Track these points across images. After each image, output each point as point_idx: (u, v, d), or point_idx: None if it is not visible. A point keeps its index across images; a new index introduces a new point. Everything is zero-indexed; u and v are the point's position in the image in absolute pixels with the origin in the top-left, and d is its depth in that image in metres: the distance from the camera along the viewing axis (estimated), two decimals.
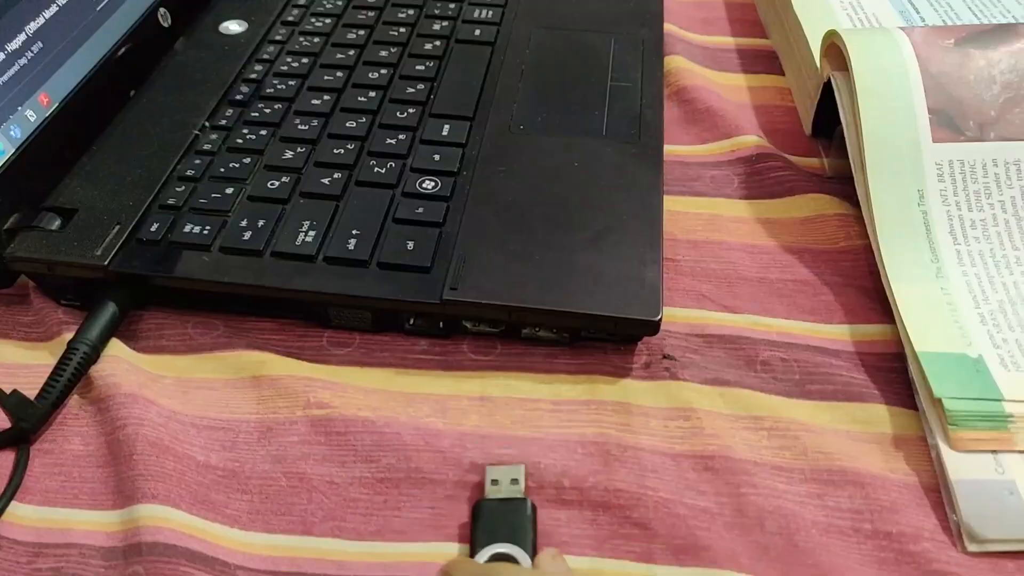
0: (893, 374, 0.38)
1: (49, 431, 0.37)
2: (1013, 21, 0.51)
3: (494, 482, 0.35)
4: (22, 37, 0.42)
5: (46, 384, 0.37)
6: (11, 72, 0.42)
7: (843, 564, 0.32)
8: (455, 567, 0.32)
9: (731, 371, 0.39)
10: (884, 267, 0.40)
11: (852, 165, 0.43)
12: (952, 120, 0.41)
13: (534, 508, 0.34)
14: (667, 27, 0.57)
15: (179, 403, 0.38)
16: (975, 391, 0.35)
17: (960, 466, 0.33)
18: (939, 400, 0.35)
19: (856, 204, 0.43)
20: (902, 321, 0.38)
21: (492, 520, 0.33)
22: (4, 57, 0.41)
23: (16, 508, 0.35)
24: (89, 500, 0.35)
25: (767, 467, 0.35)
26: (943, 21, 0.52)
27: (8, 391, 0.38)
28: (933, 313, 0.38)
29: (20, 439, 0.37)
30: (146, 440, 0.36)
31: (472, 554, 0.32)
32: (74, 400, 0.38)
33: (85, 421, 0.38)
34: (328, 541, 0.33)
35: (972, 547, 0.32)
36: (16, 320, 0.42)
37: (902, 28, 0.44)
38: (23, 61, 0.42)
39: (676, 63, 0.55)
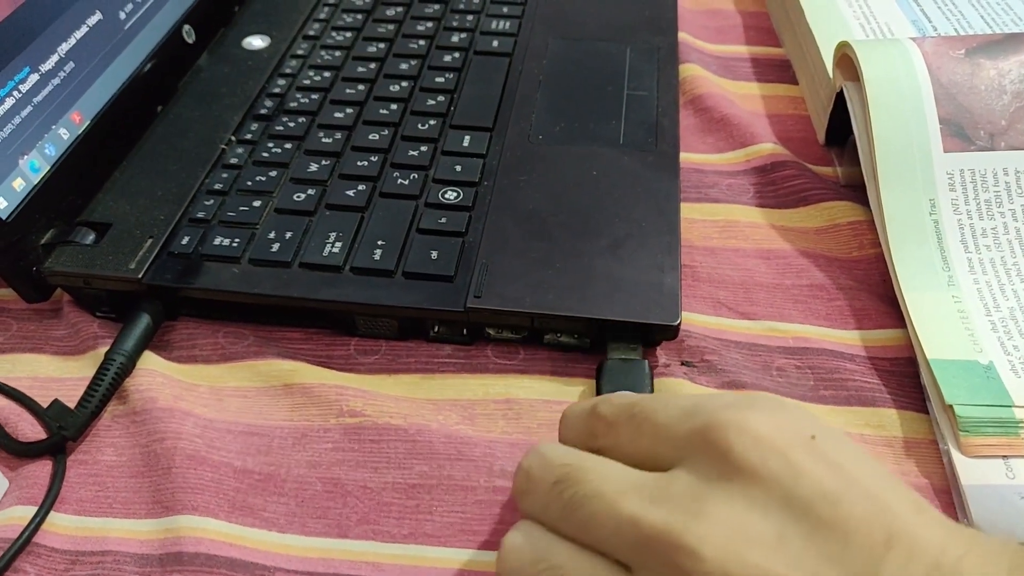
0: (906, 378, 0.39)
1: (82, 442, 0.38)
2: None
3: (614, 344, 0.39)
4: (55, 58, 0.44)
5: (86, 393, 0.38)
6: (45, 92, 0.43)
7: None
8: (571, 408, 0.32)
9: (747, 374, 0.40)
10: (896, 276, 0.40)
11: (864, 175, 0.43)
12: (963, 130, 0.42)
13: (651, 367, 0.38)
14: (681, 36, 0.58)
15: (214, 411, 0.39)
16: (986, 398, 0.35)
17: (971, 471, 0.34)
18: (950, 407, 0.35)
19: (870, 211, 0.44)
20: (914, 329, 0.39)
21: (615, 377, 0.37)
22: (39, 78, 0.43)
23: (53, 517, 0.36)
24: (123, 509, 0.36)
25: None
26: (955, 30, 0.52)
27: (45, 403, 0.39)
28: (945, 321, 0.38)
29: (58, 449, 0.38)
30: (183, 453, 0.37)
31: None
32: (106, 411, 0.39)
33: (118, 432, 0.39)
34: (363, 544, 0.34)
35: None
36: (48, 334, 0.43)
37: (913, 38, 0.44)
38: (56, 81, 0.44)
39: (691, 71, 0.56)
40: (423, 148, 0.47)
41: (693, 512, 0.25)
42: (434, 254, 0.41)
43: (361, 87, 0.52)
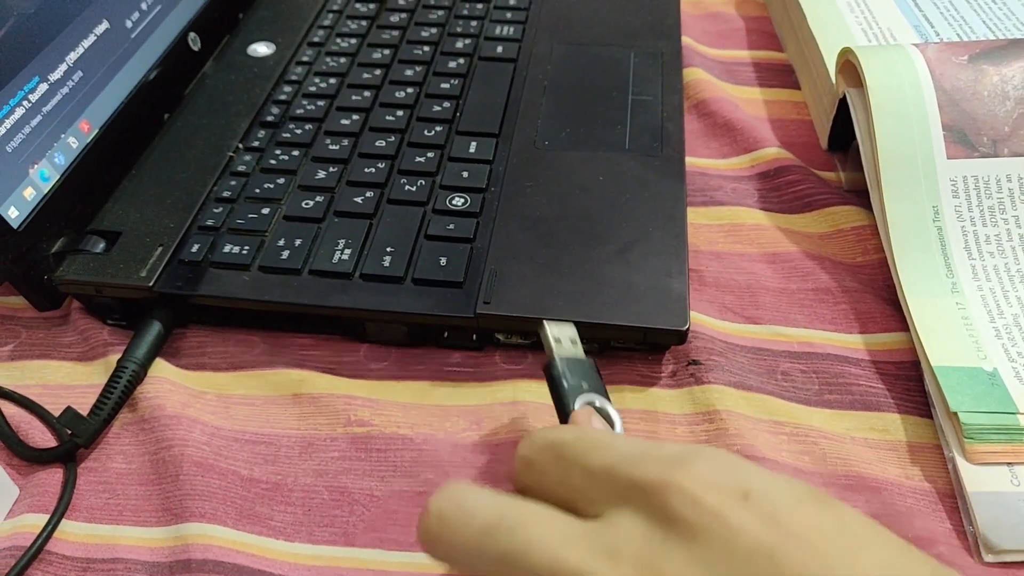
0: (910, 383, 0.40)
1: (92, 450, 0.39)
2: None
3: (557, 341, 0.36)
4: (63, 67, 0.44)
5: (98, 400, 0.39)
6: (54, 101, 0.43)
7: None
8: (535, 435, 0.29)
9: (753, 377, 0.40)
10: (900, 282, 0.41)
11: (868, 181, 0.44)
12: (966, 136, 0.42)
13: (595, 366, 0.35)
14: (684, 40, 0.58)
15: (221, 419, 0.39)
16: (990, 405, 0.36)
17: (976, 478, 0.34)
18: (955, 414, 0.36)
19: (874, 216, 0.44)
20: (918, 336, 0.39)
21: (574, 375, 0.34)
22: (48, 87, 0.43)
23: (64, 524, 0.36)
24: (133, 517, 0.36)
25: (788, 468, 0.37)
26: (957, 35, 0.52)
27: (54, 410, 0.39)
28: (948, 327, 0.39)
29: (70, 456, 0.38)
30: (191, 460, 0.37)
31: (560, 410, 0.33)
32: (115, 419, 0.40)
33: (127, 440, 0.39)
34: (370, 552, 0.35)
35: (988, 557, 0.33)
36: (58, 341, 0.44)
37: (916, 45, 0.45)
38: (65, 90, 0.44)
39: (695, 75, 0.56)
40: (430, 154, 0.48)
41: (640, 568, 0.24)
42: (443, 260, 0.42)
43: (367, 94, 0.52)
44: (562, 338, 0.36)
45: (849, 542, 0.24)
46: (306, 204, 0.45)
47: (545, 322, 0.36)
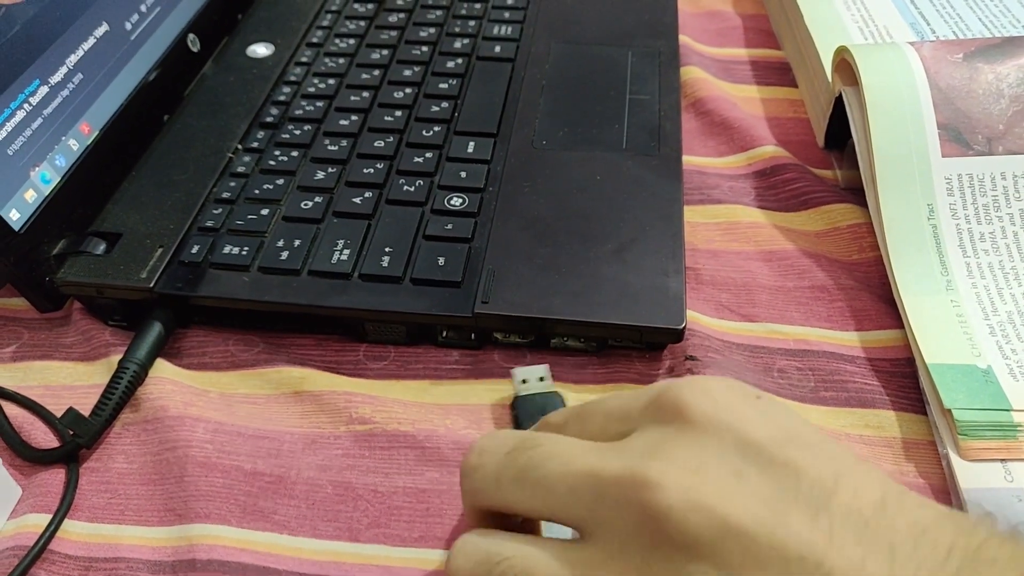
0: (905, 380, 0.40)
1: (94, 450, 0.39)
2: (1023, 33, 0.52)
3: (524, 381, 0.39)
4: (64, 70, 0.44)
5: (100, 400, 0.39)
6: (55, 104, 0.44)
7: None
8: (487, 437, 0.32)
9: (749, 375, 0.40)
10: (895, 280, 0.41)
11: (863, 180, 0.44)
12: (960, 134, 0.42)
13: (562, 399, 0.38)
14: (682, 39, 0.59)
15: (224, 415, 0.40)
16: (984, 402, 0.36)
17: (970, 474, 0.34)
18: (949, 411, 0.36)
19: (870, 214, 0.44)
20: (913, 333, 0.39)
21: (532, 413, 0.37)
22: (48, 90, 0.43)
23: (67, 524, 0.36)
24: (135, 516, 0.37)
25: None
26: (953, 33, 0.53)
27: (56, 411, 0.40)
28: (943, 325, 0.39)
29: (72, 456, 0.38)
30: (195, 461, 0.37)
31: None
32: (117, 419, 0.40)
33: (129, 440, 0.39)
34: (374, 547, 0.35)
35: None
36: (60, 342, 0.44)
37: (911, 43, 0.45)
38: (65, 93, 0.44)
39: (692, 74, 0.56)
40: (428, 155, 0.48)
41: (650, 457, 0.26)
42: (441, 260, 0.42)
43: (365, 94, 0.53)
44: (530, 378, 0.39)
45: (843, 450, 0.26)
46: (305, 205, 0.45)
47: (514, 370, 0.39)
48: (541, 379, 0.39)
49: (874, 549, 0.23)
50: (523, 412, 0.38)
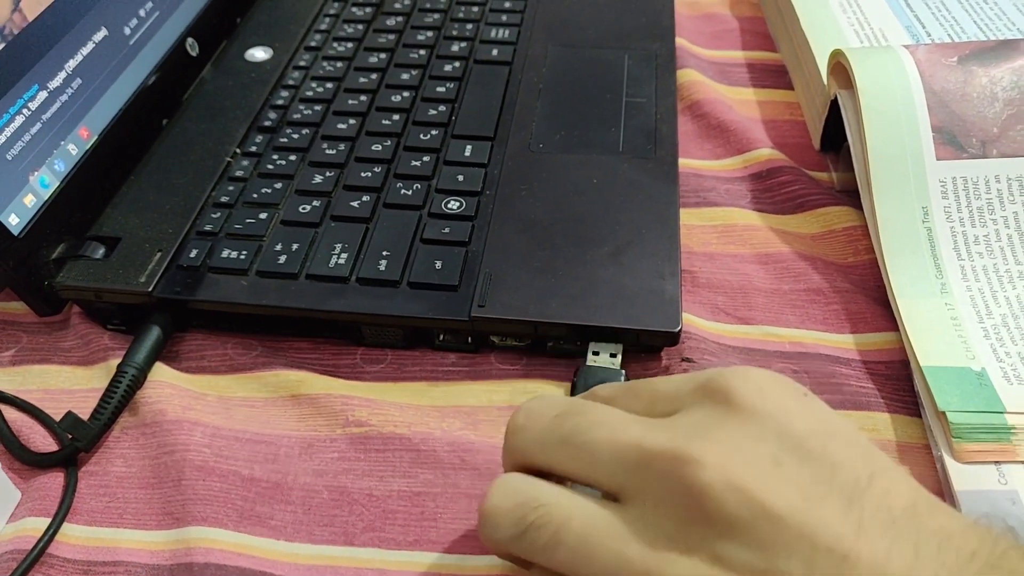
0: (900, 382, 0.40)
1: (92, 454, 0.39)
2: (1018, 36, 0.52)
3: (595, 353, 0.40)
4: (63, 75, 0.44)
5: (99, 404, 0.39)
6: (54, 109, 0.44)
7: None
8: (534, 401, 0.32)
9: None
10: (890, 283, 0.41)
11: (858, 182, 0.44)
12: (955, 137, 0.42)
13: (625, 378, 0.39)
14: (678, 41, 0.59)
15: (222, 419, 0.40)
16: (978, 404, 0.36)
17: (964, 477, 0.34)
18: (943, 413, 0.36)
19: (865, 217, 0.44)
20: (907, 336, 0.39)
21: (590, 384, 0.36)
22: (47, 95, 0.43)
23: (66, 528, 0.36)
24: (133, 520, 0.37)
25: None
26: (948, 36, 0.53)
27: (55, 414, 0.40)
28: (937, 328, 0.39)
29: (71, 460, 0.38)
30: (192, 465, 0.37)
31: None
32: (116, 423, 0.40)
33: (127, 444, 0.39)
34: (369, 551, 0.35)
35: None
36: (58, 346, 0.44)
37: (906, 46, 0.45)
38: (64, 97, 0.44)
39: (689, 76, 0.57)
40: (425, 158, 0.48)
41: (694, 436, 0.27)
42: (438, 264, 0.42)
43: (363, 98, 0.53)
44: (602, 351, 0.40)
45: (880, 453, 0.27)
46: (303, 209, 0.45)
47: (591, 343, 0.40)
48: (613, 355, 0.40)
49: (899, 546, 0.24)
50: (583, 381, 0.39)
